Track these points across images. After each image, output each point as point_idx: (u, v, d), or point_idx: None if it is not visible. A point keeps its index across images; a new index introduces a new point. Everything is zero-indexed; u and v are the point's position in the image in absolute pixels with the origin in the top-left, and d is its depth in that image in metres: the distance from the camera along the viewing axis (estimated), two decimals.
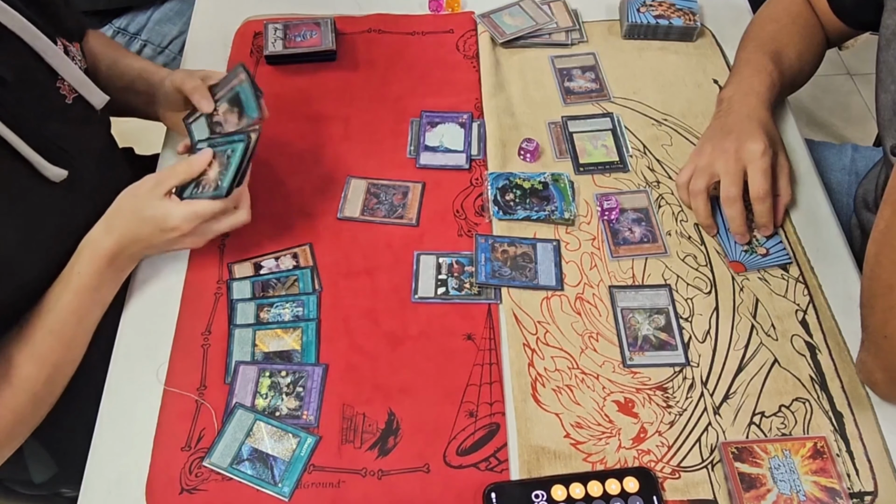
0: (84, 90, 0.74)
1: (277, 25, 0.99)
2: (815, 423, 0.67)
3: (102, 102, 0.76)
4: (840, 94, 1.99)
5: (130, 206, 0.70)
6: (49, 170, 0.67)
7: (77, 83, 0.73)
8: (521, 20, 1.00)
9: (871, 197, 0.88)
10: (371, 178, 0.85)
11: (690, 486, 0.64)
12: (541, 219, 0.81)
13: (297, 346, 0.72)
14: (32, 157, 0.65)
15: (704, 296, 0.75)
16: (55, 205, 0.69)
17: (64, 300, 0.68)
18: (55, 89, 0.71)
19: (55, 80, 0.71)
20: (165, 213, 0.69)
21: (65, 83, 0.72)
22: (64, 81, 0.72)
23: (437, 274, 0.77)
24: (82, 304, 0.69)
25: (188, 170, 0.70)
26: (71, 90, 0.72)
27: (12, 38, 0.66)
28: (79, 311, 0.69)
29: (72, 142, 0.72)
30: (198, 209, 0.69)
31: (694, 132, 0.89)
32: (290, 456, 0.65)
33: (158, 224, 0.69)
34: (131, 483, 0.64)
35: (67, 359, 0.69)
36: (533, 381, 0.70)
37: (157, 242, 0.71)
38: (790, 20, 0.88)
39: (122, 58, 0.89)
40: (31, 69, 0.69)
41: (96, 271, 0.69)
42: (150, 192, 0.70)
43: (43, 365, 0.67)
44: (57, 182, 0.68)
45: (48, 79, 0.71)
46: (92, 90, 0.75)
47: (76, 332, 0.69)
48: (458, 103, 0.93)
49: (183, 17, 1.28)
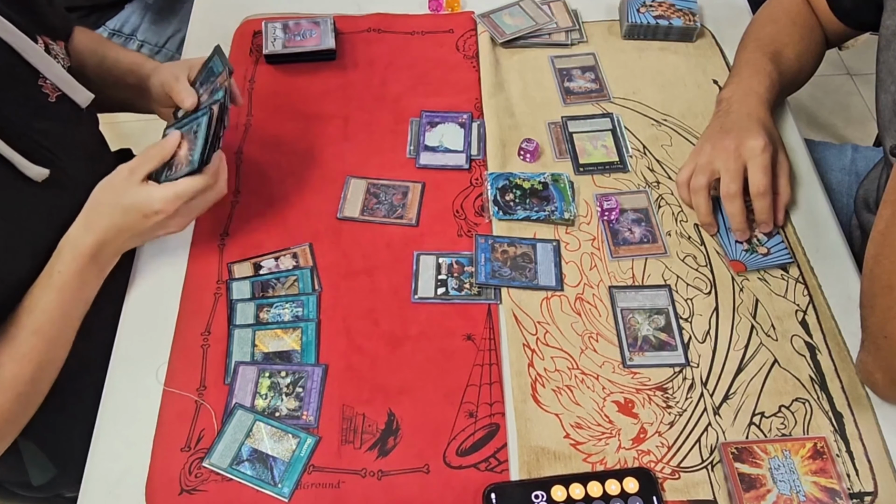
0: (67, 88, 0.73)
1: (277, 24, 0.99)
2: (814, 423, 0.67)
3: (87, 101, 0.76)
4: (840, 94, 1.99)
5: (108, 199, 0.70)
6: (30, 169, 0.66)
7: (60, 81, 0.72)
8: (521, 20, 1.00)
9: (873, 198, 0.88)
10: (371, 178, 0.85)
11: (690, 486, 0.64)
12: (541, 219, 0.81)
13: (297, 347, 0.72)
14: (13, 156, 0.65)
15: (704, 296, 0.75)
16: (38, 204, 0.68)
17: (45, 299, 0.67)
18: (37, 87, 0.71)
19: (37, 78, 0.71)
20: (147, 198, 0.68)
21: (47, 82, 0.71)
22: (46, 80, 0.71)
23: (436, 274, 0.77)
24: (65, 302, 0.68)
25: (160, 153, 0.70)
26: (54, 88, 0.72)
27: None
28: (62, 309, 0.68)
29: (56, 140, 0.71)
30: (178, 189, 0.69)
31: (694, 132, 0.89)
32: (290, 456, 0.65)
33: (141, 210, 0.69)
34: (131, 484, 0.64)
35: (51, 357, 0.69)
36: (533, 382, 0.70)
37: (142, 230, 0.70)
38: (789, 21, 0.88)
39: (111, 52, 0.89)
40: (12, 68, 0.68)
41: (78, 270, 0.68)
42: (127, 180, 0.69)
43: (27, 364, 0.66)
44: (39, 181, 0.67)
45: (30, 77, 0.70)
46: (76, 88, 0.74)
47: (60, 331, 0.69)
48: (458, 103, 0.93)
49: (177, 14, 1.28)
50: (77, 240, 0.69)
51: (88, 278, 0.70)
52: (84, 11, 1.23)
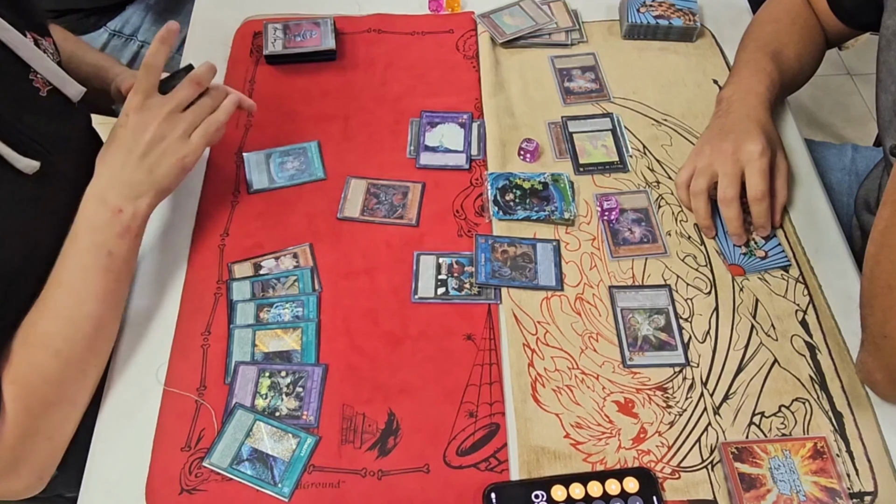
0: (59, 82, 0.73)
1: (277, 25, 0.99)
2: (814, 423, 0.67)
3: (79, 94, 0.76)
4: (840, 94, 1.99)
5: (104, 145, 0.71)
6: (20, 161, 0.66)
7: (50, 75, 0.72)
8: (521, 20, 1.00)
9: (873, 198, 0.88)
10: (371, 179, 0.85)
11: (690, 486, 0.64)
12: (541, 219, 0.81)
13: (297, 347, 0.72)
14: (2, 149, 0.64)
15: (704, 296, 0.75)
16: (28, 196, 0.68)
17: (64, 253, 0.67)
18: (28, 81, 0.71)
19: (27, 72, 0.71)
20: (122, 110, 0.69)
21: (38, 76, 0.71)
22: (37, 74, 0.71)
23: (436, 274, 0.77)
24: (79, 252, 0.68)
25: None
26: (45, 83, 0.72)
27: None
28: (78, 259, 0.67)
29: (47, 134, 0.71)
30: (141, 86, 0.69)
31: (694, 132, 0.89)
32: (290, 456, 0.65)
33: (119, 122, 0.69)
34: (131, 483, 0.64)
35: (86, 312, 0.67)
36: (533, 382, 0.70)
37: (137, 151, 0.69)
38: (790, 20, 0.88)
39: (77, 51, 0.88)
40: (2, 63, 0.68)
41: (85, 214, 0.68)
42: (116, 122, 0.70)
43: (56, 319, 0.65)
44: (29, 174, 0.67)
45: (20, 71, 0.70)
46: (66, 82, 0.74)
47: (85, 283, 0.67)
48: (458, 103, 0.93)
49: (177, 15, 1.28)
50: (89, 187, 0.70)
51: (98, 223, 0.68)
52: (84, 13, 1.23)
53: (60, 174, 0.72)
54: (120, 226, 0.69)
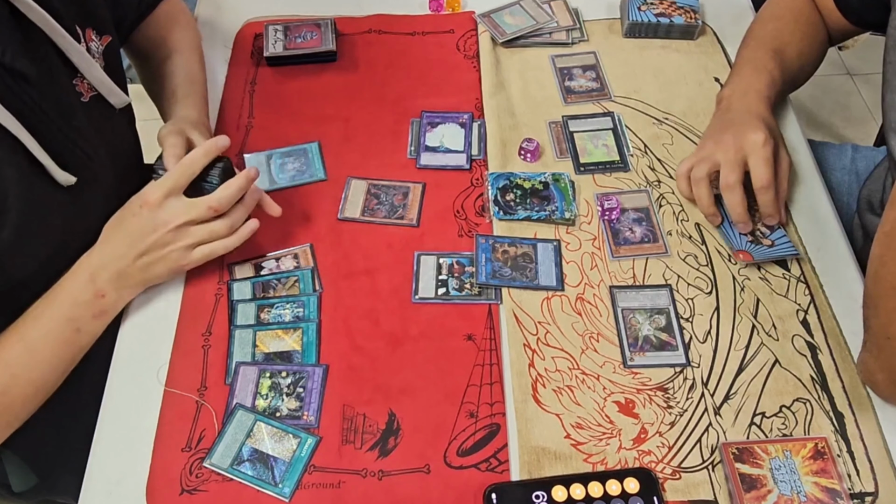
0: (104, 89, 0.72)
1: (278, 27, 0.99)
2: (815, 423, 0.67)
3: (122, 104, 0.75)
4: (840, 94, 1.99)
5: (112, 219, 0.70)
6: (59, 175, 0.65)
7: (97, 82, 0.71)
8: (522, 19, 1.00)
9: (877, 198, 0.87)
10: (371, 179, 0.85)
11: (691, 486, 0.64)
12: (541, 219, 0.81)
13: (298, 347, 0.72)
14: (45, 160, 0.64)
15: (705, 296, 0.75)
16: (62, 205, 0.68)
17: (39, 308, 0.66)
18: (72, 87, 0.69)
19: (73, 77, 0.69)
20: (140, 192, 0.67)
21: (83, 81, 0.70)
22: (83, 79, 0.70)
23: (437, 274, 0.77)
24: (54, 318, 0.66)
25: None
26: (90, 88, 0.71)
27: (36, 31, 0.64)
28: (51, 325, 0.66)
29: (86, 141, 0.70)
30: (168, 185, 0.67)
31: (695, 131, 0.89)
32: (291, 456, 0.65)
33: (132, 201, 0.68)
34: (131, 484, 0.65)
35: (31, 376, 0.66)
36: (533, 382, 0.70)
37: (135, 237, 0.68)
38: (792, 18, 0.88)
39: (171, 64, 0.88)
40: (53, 65, 0.67)
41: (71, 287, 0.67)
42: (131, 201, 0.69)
43: (5, 368, 0.64)
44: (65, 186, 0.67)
45: (66, 76, 0.69)
46: (112, 90, 0.73)
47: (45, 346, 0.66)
48: (459, 103, 0.93)
49: None
50: (83, 258, 0.69)
51: (80, 299, 0.67)
52: None
53: (97, 183, 0.71)
54: (98, 308, 0.69)
